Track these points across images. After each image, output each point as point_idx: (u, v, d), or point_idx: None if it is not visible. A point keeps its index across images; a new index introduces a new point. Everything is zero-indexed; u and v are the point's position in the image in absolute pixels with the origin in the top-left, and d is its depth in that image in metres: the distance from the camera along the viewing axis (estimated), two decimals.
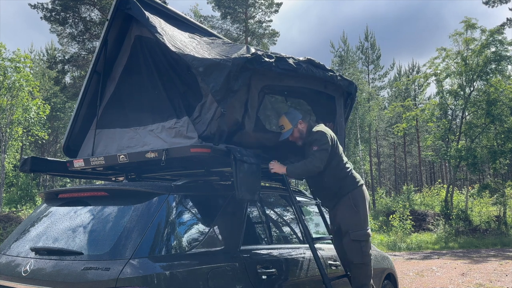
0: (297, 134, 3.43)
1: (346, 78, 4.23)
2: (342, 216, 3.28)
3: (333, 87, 4.01)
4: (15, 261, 2.49)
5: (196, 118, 2.98)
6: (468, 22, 19.69)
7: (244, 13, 29.09)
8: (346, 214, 3.27)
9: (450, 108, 21.14)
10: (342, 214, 3.29)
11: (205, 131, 2.91)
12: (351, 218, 3.25)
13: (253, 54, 2.97)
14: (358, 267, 3.23)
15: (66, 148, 3.72)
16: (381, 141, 40.79)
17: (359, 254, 3.21)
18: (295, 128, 3.42)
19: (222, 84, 2.83)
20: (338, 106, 4.15)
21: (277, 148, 3.51)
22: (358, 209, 3.28)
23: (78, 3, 20.45)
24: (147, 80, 3.38)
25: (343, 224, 3.27)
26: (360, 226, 3.25)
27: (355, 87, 4.37)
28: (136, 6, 3.31)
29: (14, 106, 16.52)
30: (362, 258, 3.20)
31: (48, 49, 35.29)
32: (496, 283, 7.82)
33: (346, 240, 3.24)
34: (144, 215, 2.37)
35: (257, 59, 2.99)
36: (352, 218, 3.26)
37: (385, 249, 14.46)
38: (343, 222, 3.27)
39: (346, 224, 3.25)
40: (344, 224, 3.26)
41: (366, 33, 35.21)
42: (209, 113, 2.93)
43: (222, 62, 2.86)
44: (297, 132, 3.43)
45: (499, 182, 21.42)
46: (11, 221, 13.74)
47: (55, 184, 33.13)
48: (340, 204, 3.31)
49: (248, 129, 3.14)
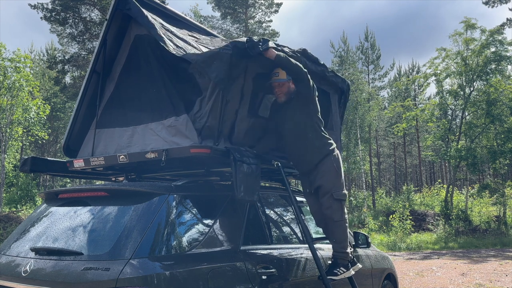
0: (285, 88, 3.45)
1: (338, 75, 4.27)
2: (327, 177, 3.38)
3: (327, 82, 4.04)
4: (15, 261, 2.49)
5: (197, 112, 3.00)
6: (468, 22, 19.69)
7: (244, 13, 29.10)
8: (330, 175, 3.39)
9: (450, 108, 21.14)
10: (327, 175, 3.38)
11: (206, 122, 2.93)
12: (334, 179, 3.39)
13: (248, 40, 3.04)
14: (338, 224, 3.38)
15: (66, 148, 3.72)
16: (381, 141, 40.78)
17: (340, 211, 3.37)
18: (287, 82, 3.45)
19: (225, 73, 2.89)
20: (333, 103, 4.18)
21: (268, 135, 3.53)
22: (339, 171, 3.43)
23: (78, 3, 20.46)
24: (146, 79, 3.39)
25: (326, 184, 3.37)
26: (342, 186, 3.42)
27: (347, 85, 4.40)
28: (135, 6, 3.32)
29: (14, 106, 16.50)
30: (342, 215, 3.38)
31: (48, 49, 35.30)
32: (496, 283, 7.82)
33: (327, 199, 3.35)
34: (144, 215, 2.37)
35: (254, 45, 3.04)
36: (335, 179, 3.39)
37: (385, 249, 14.47)
38: (327, 182, 3.37)
39: (330, 184, 3.37)
40: (327, 184, 3.37)
41: (366, 33, 35.20)
42: (208, 105, 2.96)
43: (221, 51, 2.93)
44: (286, 87, 3.45)
45: (499, 182, 21.41)
46: (11, 221, 13.74)
47: (55, 184, 33.12)
48: (323, 165, 3.40)
49: (243, 114, 3.21)
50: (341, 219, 3.38)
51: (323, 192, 3.37)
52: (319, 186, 3.40)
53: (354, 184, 39.56)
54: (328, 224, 3.44)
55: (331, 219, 3.37)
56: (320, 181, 3.39)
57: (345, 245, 3.38)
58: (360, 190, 31.59)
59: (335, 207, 3.35)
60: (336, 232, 3.40)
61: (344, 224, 3.40)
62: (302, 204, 3.79)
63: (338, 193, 3.36)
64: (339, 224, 3.37)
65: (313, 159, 3.41)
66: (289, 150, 3.53)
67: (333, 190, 3.35)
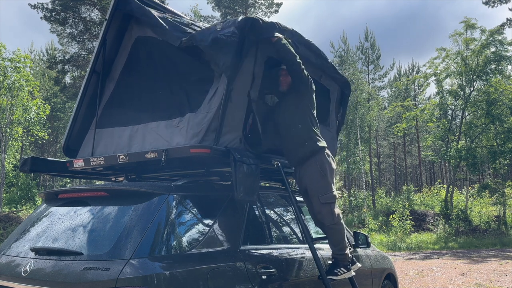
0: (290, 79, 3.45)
1: (339, 72, 4.27)
2: (310, 179, 3.29)
3: (327, 77, 4.04)
4: (15, 261, 2.49)
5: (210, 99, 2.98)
6: (468, 22, 19.68)
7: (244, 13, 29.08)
8: (314, 178, 3.28)
9: (450, 108, 21.13)
10: (310, 178, 3.29)
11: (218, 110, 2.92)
12: (319, 182, 3.27)
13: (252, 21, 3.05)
14: (331, 228, 3.30)
15: (66, 148, 3.72)
16: (381, 141, 40.78)
17: (330, 215, 3.27)
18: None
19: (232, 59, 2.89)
20: (332, 100, 4.19)
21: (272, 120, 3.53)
22: (325, 173, 3.29)
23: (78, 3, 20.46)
24: (148, 79, 3.39)
25: (310, 187, 3.29)
26: (329, 188, 3.28)
27: (348, 85, 4.42)
28: (137, 5, 3.32)
29: (14, 106, 16.50)
30: (333, 219, 3.27)
31: (48, 49, 35.29)
32: (496, 283, 7.82)
33: (316, 203, 3.28)
34: (144, 215, 2.37)
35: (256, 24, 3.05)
36: (319, 182, 3.27)
37: (385, 249, 14.46)
38: (311, 186, 3.28)
39: (314, 188, 3.27)
40: (312, 188, 3.28)
41: (366, 33, 35.19)
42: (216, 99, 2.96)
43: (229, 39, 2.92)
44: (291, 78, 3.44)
45: (499, 182, 21.40)
46: (11, 221, 13.74)
47: (55, 184, 33.12)
48: (307, 166, 3.30)
49: (254, 96, 3.20)
50: (332, 223, 3.28)
51: (311, 195, 3.31)
52: (305, 188, 3.35)
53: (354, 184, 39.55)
54: (322, 228, 3.41)
55: (322, 224, 3.33)
56: (306, 183, 3.33)
57: (343, 247, 3.34)
58: (360, 190, 31.58)
59: (324, 212, 3.26)
60: (331, 236, 3.35)
61: (337, 227, 3.31)
62: (302, 204, 3.79)
63: (324, 196, 3.25)
64: (331, 228, 3.30)
65: (298, 152, 3.32)
66: (282, 143, 3.48)
67: (319, 193, 3.25)
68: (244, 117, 3.16)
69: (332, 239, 3.36)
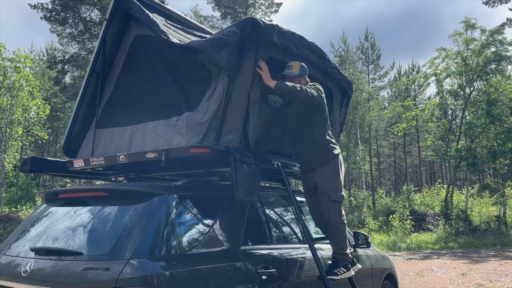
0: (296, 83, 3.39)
1: (342, 73, 4.27)
2: (323, 177, 3.36)
3: (330, 79, 4.04)
4: (15, 261, 2.48)
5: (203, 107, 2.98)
6: (468, 22, 19.68)
7: (244, 13, 29.07)
8: (328, 177, 3.36)
9: (450, 108, 21.13)
10: (323, 176, 3.36)
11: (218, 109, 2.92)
12: (332, 181, 3.35)
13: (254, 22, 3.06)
14: (335, 226, 3.36)
15: (66, 148, 3.72)
16: (381, 141, 40.77)
17: (337, 213, 3.34)
18: (299, 77, 3.42)
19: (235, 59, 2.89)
20: (335, 100, 4.20)
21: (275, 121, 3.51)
22: (338, 172, 3.39)
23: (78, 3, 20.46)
24: (147, 79, 3.38)
25: (322, 184, 3.35)
26: (339, 188, 3.38)
27: (350, 85, 4.43)
28: (136, 5, 3.32)
29: (14, 106, 16.50)
30: (339, 217, 3.35)
31: (48, 49, 35.31)
32: (496, 283, 7.82)
33: (325, 200, 3.34)
34: (144, 215, 2.37)
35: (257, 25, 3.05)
36: (332, 180, 3.35)
37: (385, 249, 14.46)
38: (323, 183, 3.35)
39: (327, 186, 3.34)
40: (325, 184, 3.35)
41: (366, 33, 35.21)
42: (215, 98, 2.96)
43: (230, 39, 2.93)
44: (297, 82, 3.39)
45: (499, 182, 21.42)
46: (11, 221, 13.74)
47: (55, 184, 33.12)
48: (323, 166, 3.38)
49: (255, 97, 3.19)
50: (338, 221, 3.35)
51: (321, 192, 3.37)
52: (316, 185, 3.39)
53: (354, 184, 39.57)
54: (326, 226, 3.44)
55: (328, 221, 3.36)
56: (317, 180, 3.38)
57: (344, 247, 3.37)
58: (360, 190, 31.59)
59: (333, 210, 3.32)
60: (334, 235, 3.39)
61: (341, 226, 3.38)
62: (302, 204, 3.79)
63: (335, 194, 3.33)
64: (336, 227, 3.35)
65: (318, 161, 3.39)
66: (295, 149, 3.51)
67: (331, 191, 3.32)
68: (244, 117, 3.16)
69: (335, 238, 3.39)
